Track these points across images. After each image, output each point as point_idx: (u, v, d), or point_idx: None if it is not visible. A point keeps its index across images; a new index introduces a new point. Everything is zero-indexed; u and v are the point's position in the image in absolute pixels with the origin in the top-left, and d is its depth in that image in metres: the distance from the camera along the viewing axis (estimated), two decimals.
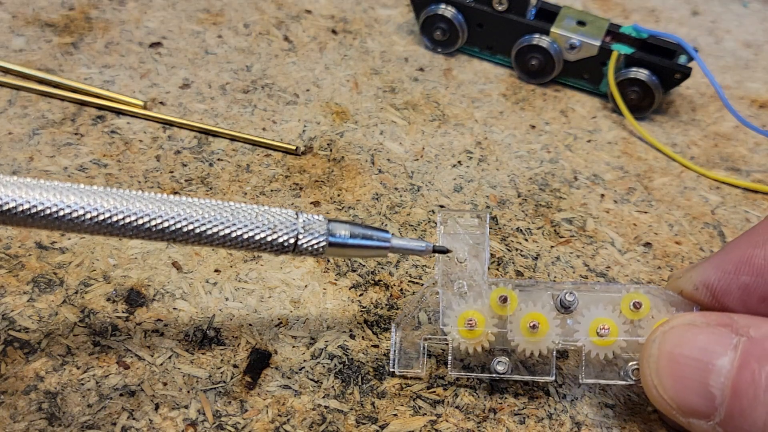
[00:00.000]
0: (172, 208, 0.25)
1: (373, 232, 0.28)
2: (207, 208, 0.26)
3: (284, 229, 0.26)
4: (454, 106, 0.45)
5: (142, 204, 0.25)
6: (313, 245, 0.27)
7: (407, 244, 0.29)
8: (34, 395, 0.29)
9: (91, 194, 0.24)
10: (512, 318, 0.29)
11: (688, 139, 0.45)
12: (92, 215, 0.24)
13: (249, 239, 0.26)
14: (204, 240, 0.26)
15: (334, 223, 0.27)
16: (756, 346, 0.24)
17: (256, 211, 0.26)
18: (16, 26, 0.47)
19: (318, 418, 0.29)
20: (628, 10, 0.55)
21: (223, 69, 0.45)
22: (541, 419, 0.30)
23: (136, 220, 0.24)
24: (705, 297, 0.28)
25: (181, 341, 0.31)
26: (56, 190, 0.24)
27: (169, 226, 0.25)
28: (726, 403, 0.24)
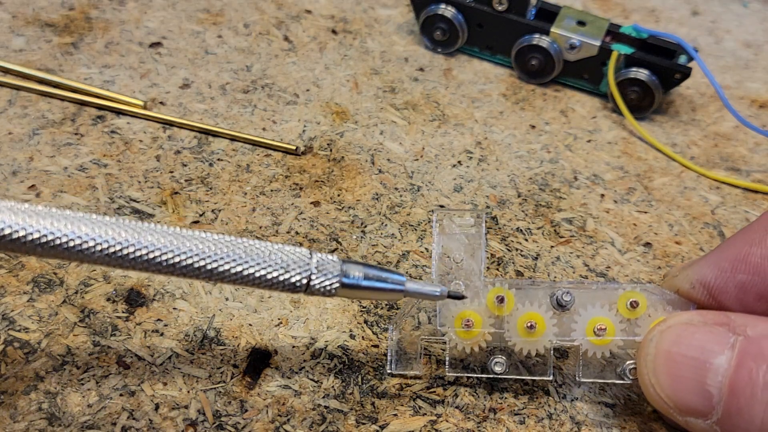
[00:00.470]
0: (184, 243, 0.25)
1: (388, 275, 0.27)
2: (220, 244, 0.25)
3: (297, 269, 0.26)
4: (454, 106, 0.45)
5: (153, 237, 0.24)
6: (326, 286, 0.26)
7: (422, 289, 0.28)
8: (34, 395, 0.29)
9: (103, 225, 0.24)
10: (509, 318, 0.29)
11: (688, 139, 0.45)
12: (102, 247, 0.23)
13: (261, 278, 0.26)
14: (215, 276, 0.25)
15: (348, 264, 0.27)
16: (753, 345, 0.24)
17: (270, 249, 0.26)
18: (16, 26, 0.47)
19: (318, 418, 0.29)
20: (628, 10, 0.55)
21: (223, 69, 0.45)
22: (541, 419, 0.30)
23: (147, 254, 0.24)
24: (702, 295, 0.27)
25: (181, 341, 0.31)
26: (67, 220, 0.23)
27: (180, 261, 0.24)
28: (723, 401, 0.24)
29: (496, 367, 0.30)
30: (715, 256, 0.27)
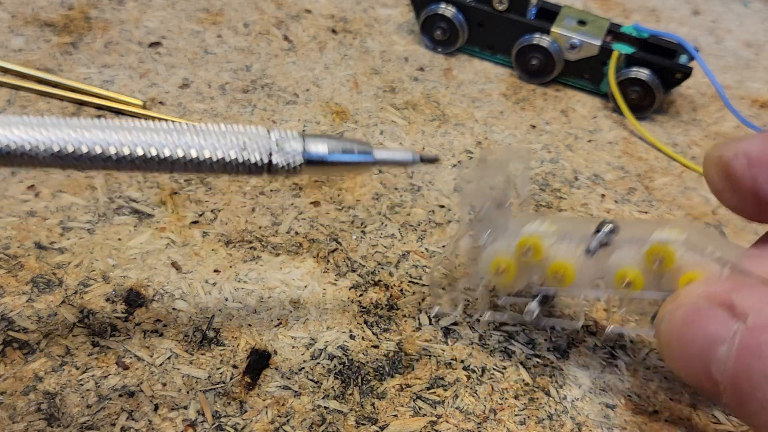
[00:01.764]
0: (138, 135, 0.24)
1: (354, 144, 0.26)
2: (174, 132, 0.24)
3: (256, 147, 0.25)
4: (454, 106, 0.45)
5: (107, 133, 0.23)
6: (289, 163, 0.25)
7: (392, 156, 0.27)
8: (33, 396, 0.29)
9: (57, 127, 0.23)
10: (538, 268, 0.29)
11: (689, 138, 0.45)
12: (58, 149, 0.23)
13: (219, 161, 0.24)
14: (171, 166, 0.24)
15: (311, 138, 0.25)
16: (752, 337, 0.23)
17: (225, 130, 0.25)
18: (15, 26, 0.46)
19: (318, 419, 0.29)
20: (629, 9, 0.55)
21: (222, 69, 0.45)
22: (542, 420, 0.30)
23: (102, 152, 0.23)
24: (740, 165, 0.27)
25: (180, 342, 0.31)
26: (16, 125, 0.23)
27: (137, 154, 0.23)
28: (727, 391, 0.24)
29: (526, 316, 0.29)
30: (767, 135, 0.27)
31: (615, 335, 0.31)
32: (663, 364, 0.32)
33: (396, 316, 0.33)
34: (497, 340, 0.33)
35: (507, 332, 0.33)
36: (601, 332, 0.33)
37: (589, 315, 0.32)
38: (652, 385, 0.32)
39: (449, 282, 0.31)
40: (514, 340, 0.33)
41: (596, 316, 0.34)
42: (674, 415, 0.31)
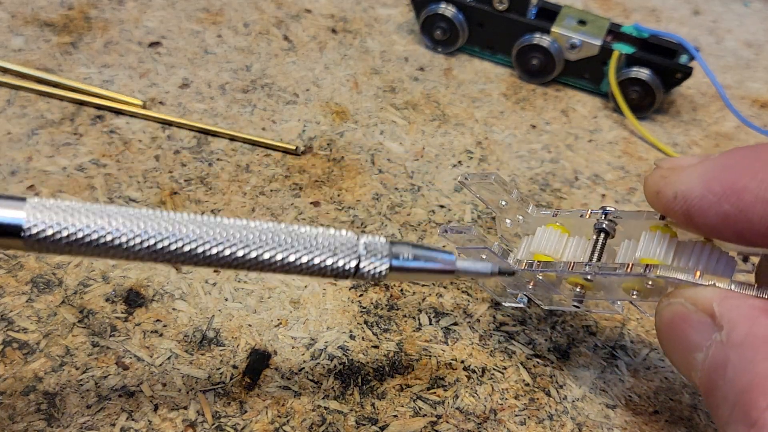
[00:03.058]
0: (229, 232, 0.24)
1: (437, 254, 0.26)
2: (265, 232, 0.24)
3: (345, 251, 0.25)
4: (454, 106, 0.45)
5: (194, 227, 0.23)
6: (376, 269, 0.25)
7: (472, 267, 0.27)
8: (32, 396, 0.29)
9: (139, 218, 0.23)
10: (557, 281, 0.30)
11: (690, 138, 0.45)
12: (142, 240, 0.23)
13: (308, 263, 0.24)
14: (263, 266, 0.24)
15: (396, 245, 0.26)
16: (721, 353, 0.23)
17: (316, 233, 0.25)
18: (15, 26, 0.46)
19: (318, 419, 0.29)
20: (629, 9, 0.55)
21: (222, 69, 0.45)
22: (542, 420, 0.30)
23: (187, 245, 0.23)
24: (680, 209, 0.25)
25: (180, 342, 0.31)
26: (105, 215, 0.22)
27: (228, 252, 0.24)
28: (703, 396, 0.24)
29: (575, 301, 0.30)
30: (708, 173, 0.25)
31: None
32: (663, 365, 0.32)
33: (396, 316, 0.33)
34: (497, 341, 0.33)
35: (507, 332, 0.33)
36: (601, 332, 0.33)
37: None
38: (653, 385, 0.32)
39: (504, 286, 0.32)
40: (515, 341, 0.33)
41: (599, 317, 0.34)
42: (674, 416, 0.31)
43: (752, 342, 0.22)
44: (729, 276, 0.27)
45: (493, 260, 0.30)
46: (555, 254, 0.30)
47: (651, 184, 0.27)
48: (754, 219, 0.24)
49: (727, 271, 0.27)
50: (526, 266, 0.30)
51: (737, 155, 0.25)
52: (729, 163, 0.25)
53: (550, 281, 0.30)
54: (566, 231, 0.31)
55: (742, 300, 0.24)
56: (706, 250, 0.27)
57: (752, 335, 0.22)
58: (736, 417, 0.22)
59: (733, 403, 0.22)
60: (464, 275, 0.27)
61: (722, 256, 0.27)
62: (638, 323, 0.34)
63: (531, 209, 0.32)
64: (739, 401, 0.22)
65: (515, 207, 0.32)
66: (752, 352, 0.22)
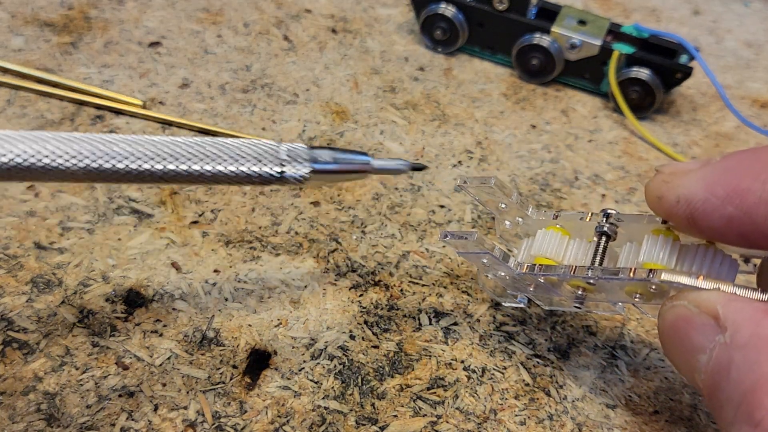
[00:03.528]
0: (156, 147, 0.25)
1: (354, 156, 0.29)
2: (192, 145, 0.26)
3: (269, 159, 0.27)
4: (454, 106, 0.45)
5: (125, 145, 0.25)
6: (298, 173, 0.27)
7: (386, 165, 0.29)
8: (32, 396, 0.29)
9: (73, 141, 0.24)
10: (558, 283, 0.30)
11: (690, 138, 0.45)
12: (75, 162, 0.24)
13: (235, 172, 0.26)
14: (191, 178, 0.26)
15: (316, 150, 0.28)
16: (725, 355, 0.23)
17: (240, 143, 0.26)
18: (15, 26, 0.46)
19: (318, 419, 0.29)
20: (629, 9, 0.55)
21: (222, 68, 0.45)
22: (542, 420, 0.30)
23: (121, 163, 0.24)
24: (683, 213, 0.26)
25: (180, 342, 0.31)
26: (35, 140, 0.24)
27: (156, 167, 0.25)
28: (705, 399, 0.24)
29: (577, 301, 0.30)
30: (710, 177, 0.25)
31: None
32: (663, 365, 0.32)
33: (396, 316, 0.33)
34: (497, 341, 0.33)
35: (507, 332, 0.33)
36: (601, 332, 0.33)
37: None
38: (653, 385, 0.32)
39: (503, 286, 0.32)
40: (515, 341, 0.33)
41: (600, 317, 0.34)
42: (674, 416, 0.31)
43: (756, 343, 0.22)
44: (732, 278, 0.27)
45: (495, 265, 0.30)
46: (556, 257, 0.30)
47: (653, 190, 0.27)
48: (758, 220, 0.24)
49: (730, 273, 0.27)
50: (527, 270, 0.30)
51: (738, 158, 0.25)
52: (731, 166, 0.25)
53: (551, 284, 0.30)
54: (567, 233, 0.31)
55: (746, 302, 0.24)
56: (709, 253, 0.27)
57: (756, 336, 0.22)
58: (740, 417, 0.22)
59: (737, 404, 0.22)
60: (379, 173, 0.30)
61: (725, 259, 0.27)
62: (638, 323, 0.34)
63: (531, 211, 0.32)
64: (744, 402, 0.22)
65: (515, 209, 0.32)
66: (756, 353, 0.22)
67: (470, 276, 0.35)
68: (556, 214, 0.31)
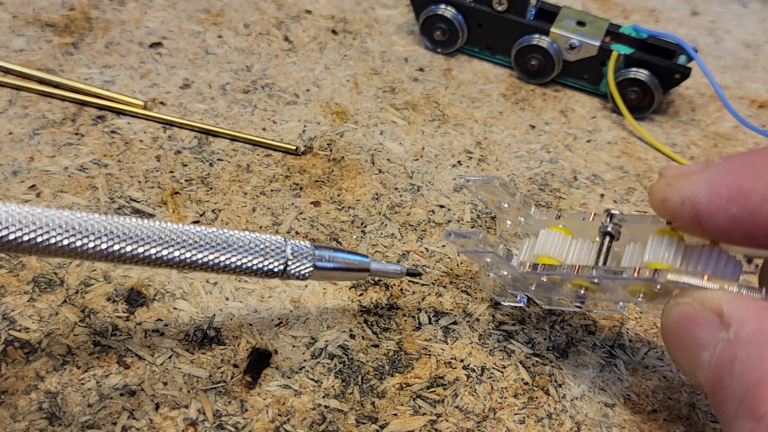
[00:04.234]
0: (167, 235, 0.26)
1: (354, 258, 0.30)
2: (201, 236, 0.27)
3: (275, 255, 0.28)
4: (454, 106, 0.45)
5: (136, 231, 0.25)
6: (300, 271, 0.29)
7: (385, 268, 0.32)
8: (34, 395, 0.29)
9: (89, 222, 0.25)
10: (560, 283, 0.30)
11: (688, 139, 0.45)
12: (91, 243, 0.24)
13: (241, 265, 0.27)
14: (197, 266, 0.27)
15: (320, 250, 0.29)
16: (729, 351, 0.23)
17: (248, 238, 0.28)
18: (16, 26, 0.47)
19: (318, 418, 0.29)
20: (628, 10, 0.55)
21: (223, 69, 0.45)
22: (541, 419, 0.30)
23: (126, 247, 0.25)
24: (688, 214, 0.26)
25: (181, 341, 0.31)
26: (59, 218, 0.24)
27: (159, 252, 0.26)
28: (708, 396, 0.24)
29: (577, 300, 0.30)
30: (714, 178, 0.25)
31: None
32: (662, 364, 0.33)
33: (396, 316, 0.33)
34: (497, 340, 0.33)
35: (506, 331, 0.33)
36: (600, 331, 0.33)
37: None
38: (651, 384, 0.32)
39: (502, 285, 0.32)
40: (514, 340, 0.33)
41: (599, 317, 0.34)
42: (673, 414, 0.31)
43: (760, 339, 0.22)
44: (736, 278, 0.27)
45: (498, 263, 0.30)
46: (559, 257, 0.30)
47: (657, 192, 0.27)
48: (763, 220, 0.24)
49: (734, 274, 0.27)
50: (530, 269, 0.30)
51: (741, 159, 0.26)
52: (733, 167, 0.25)
53: (553, 283, 0.30)
54: (569, 233, 0.31)
55: (751, 300, 0.24)
56: (714, 253, 0.27)
57: (761, 333, 0.23)
58: (743, 412, 0.22)
59: (740, 399, 0.22)
60: (377, 275, 0.32)
61: (729, 260, 0.27)
62: (637, 322, 0.34)
63: (533, 211, 0.32)
64: (747, 397, 0.22)
65: (517, 209, 0.32)
66: (760, 349, 0.22)
67: (470, 275, 0.35)
68: (559, 214, 0.31)
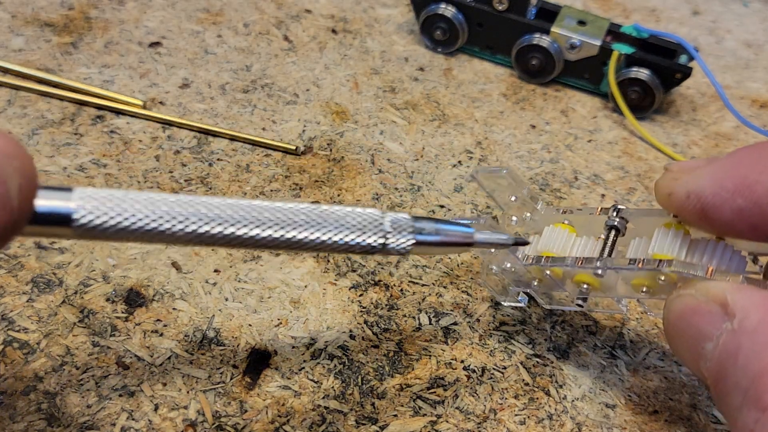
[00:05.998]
0: (262, 214, 0.24)
1: (457, 228, 0.28)
2: (297, 213, 0.25)
3: (373, 229, 0.26)
4: (454, 106, 0.45)
5: (231, 211, 0.24)
6: (401, 245, 0.26)
7: (490, 238, 0.29)
8: (33, 396, 0.29)
9: (177, 204, 0.23)
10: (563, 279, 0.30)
11: (689, 139, 0.45)
12: (183, 226, 0.23)
13: (339, 242, 0.25)
14: (296, 245, 0.25)
15: (419, 221, 0.27)
16: (733, 341, 0.23)
17: (344, 212, 0.26)
18: (15, 26, 0.46)
19: (318, 419, 0.29)
20: (629, 9, 0.55)
21: (222, 69, 0.45)
22: (542, 420, 0.30)
23: (228, 229, 0.24)
24: (694, 207, 0.26)
25: (180, 342, 0.31)
26: (150, 203, 0.23)
27: (261, 234, 0.24)
28: (710, 387, 0.24)
29: (579, 300, 0.30)
30: (719, 172, 0.26)
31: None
32: (663, 364, 0.33)
33: (396, 316, 0.33)
34: (497, 340, 0.33)
35: (507, 332, 0.33)
36: (601, 331, 0.33)
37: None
38: (652, 384, 0.32)
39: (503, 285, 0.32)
40: (514, 340, 0.33)
41: (599, 316, 0.34)
42: (674, 415, 0.31)
43: (765, 329, 0.22)
44: (741, 272, 0.27)
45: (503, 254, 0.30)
46: (562, 253, 0.30)
47: (662, 187, 0.28)
48: None
49: (739, 268, 0.27)
50: (533, 261, 0.30)
51: (746, 152, 0.26)
52: (738, 160, 0.26)
53: (557, 278, 0.30)
54: (573, 231, 0.31)
55: (755, 290, 0.24)
56: (719, 247, 0.27)
57: (765, 322, 0.23)
58: (748, 402, 0.22)
59: (745, 389, 0.22)
60: (482, 246, 0.29)
61: (734, 254, 0.27)
62: (638, 323, 0.34)
63: (540, 206, 0.32)
64: (752, 387, 0.22)
65: (524, 204, 0.32)
66: (765, 339, 0.22)
67: (470, 275, 0.35)
68: (565, 210, 0.31)
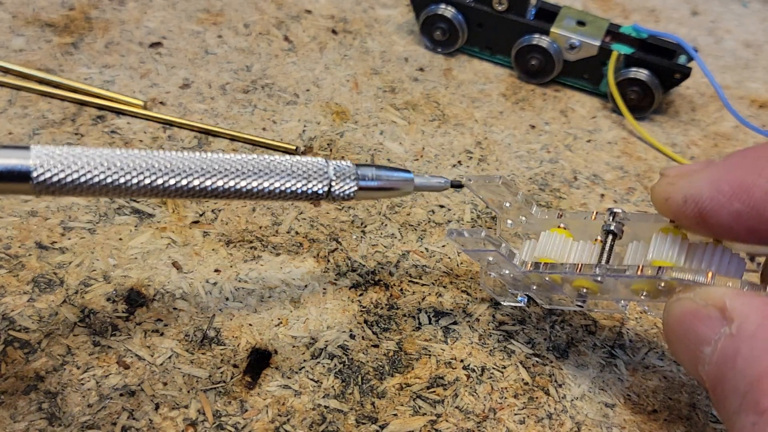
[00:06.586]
0: (210, 165, 0.25)
1: (398, 173, 0.29)
2: (245, 163, 0.26)
3: (318, 177, 0.27)
4: (454, 106, 0.45)
5: (181, 163, 0.25)
6: (345, 191, 0.28)
7: (428, 182, 0.30)
8: (34, 395, 0.29)
9: (128, 158, 0.24)
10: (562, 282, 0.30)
11: (688, 139, 0.45)
12: (129, 178, 0.24)
13: (285, 189, 0.27)
14: (244, 194, 0.26)
15: (362, 168, 0.28)
16: (731, 345, 0.23)
17: (290, 162, 0.27)
18: (16, 26, 0.47)
19: (318, 418, 0.29)
20: (628, 10, 0.55)
21: (223, 69, 0.45)
22: (541, 419, 0.30)
23: (180, 180, 0.25)
24: (691, 212, 0.26)
25: (181, 341, 0.31)
26: (97, 157, 0.24)
27: (203, 183, 0.25)
28: (709, 391, 0.24)
29: (578, 300, 0.30)
30: (716, 175, 0.26)
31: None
32: (662, 364, 0.33)
33: (396, 316, 0.33)
34: (497, 340, 0.33)
35: (506, 332, 0.33)
36: (600, 331, 0.33)
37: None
38: (652, 384, 0.32)
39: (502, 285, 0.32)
40: (514, 340, 0.33)
41: (599, 316, 0.34)
42: (673, 414, 0.31)
43: (763, 334, 0.23)
44: (740, 276, 0.27)
45: (501, 262, 0.30)
46: (560, 259, 0.30)
47: (659, 192, 0.28)
48: (766, 214, 0.24)
49: (738, 271, 0.27)
50: (532, 267, 0.30)
51: (742, 155, 0.26)
52: (735, 164, 0.26)
53: (556, 283, 0.30)
54: (570, 236, 0.31)
55: (753, 295, 0.24)
56: (718, 251, 0.27)
57: (763, 327, 0.23)
58: (746, 406, 0.22)
59: (742, 394, 0.22)
60: (422, 189, 0.31)
61: (733, 257, 0.27)
62: (637, 323, 0.34)
63: (534, 210, 0.32)
64: (750, 391, 0.22)
65: (518, 208, 0.32)
66: (763, 344, 0.22)
67: (470, 275, 0.35)
68: (560, 213, 0.31)
